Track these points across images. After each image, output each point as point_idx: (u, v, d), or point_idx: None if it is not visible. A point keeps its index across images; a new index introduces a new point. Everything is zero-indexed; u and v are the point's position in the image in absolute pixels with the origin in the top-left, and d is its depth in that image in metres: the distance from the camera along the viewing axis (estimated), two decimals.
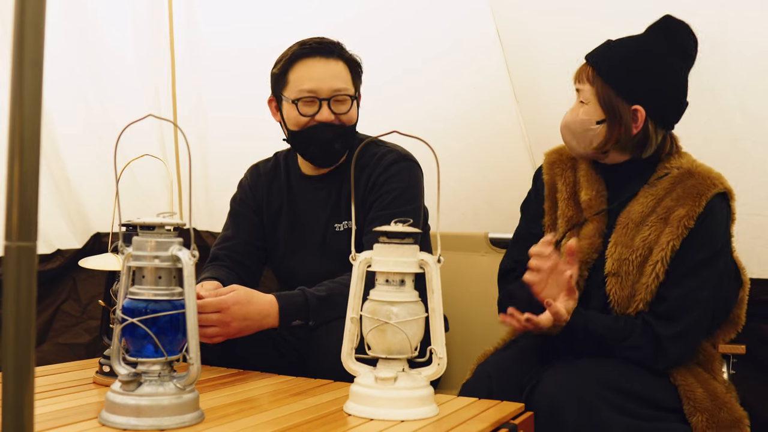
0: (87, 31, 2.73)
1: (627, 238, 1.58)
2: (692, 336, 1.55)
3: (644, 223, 1.57)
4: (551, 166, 1.76)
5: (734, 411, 1.52)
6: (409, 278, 1.26)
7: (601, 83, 1.59)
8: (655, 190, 1.59)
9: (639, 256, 1.55)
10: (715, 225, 1.54)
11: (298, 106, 1.80)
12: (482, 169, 2.45)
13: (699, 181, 1.56)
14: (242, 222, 1.98)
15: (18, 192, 0.67)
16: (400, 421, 1.20)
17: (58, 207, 2.71)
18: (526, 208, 1.82)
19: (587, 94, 1.62)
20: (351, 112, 1.84)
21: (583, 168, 1.71)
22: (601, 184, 1.67)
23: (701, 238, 1.53)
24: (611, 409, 1.38)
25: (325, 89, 1.80)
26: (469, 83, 2.40)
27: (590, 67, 1.62)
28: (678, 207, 1.54)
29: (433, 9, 2.40)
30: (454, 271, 2.17)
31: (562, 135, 1.68)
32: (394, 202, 1.81)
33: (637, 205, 1.60)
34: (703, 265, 1.53)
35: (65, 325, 2.77)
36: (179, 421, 1.12)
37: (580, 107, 1.63)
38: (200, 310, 1.54)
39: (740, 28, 1.91)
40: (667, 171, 1.61)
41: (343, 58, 1.84)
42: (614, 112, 1.59)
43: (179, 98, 2.84)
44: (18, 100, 0.67)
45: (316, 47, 1.82)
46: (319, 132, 1.81)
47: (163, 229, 1.16)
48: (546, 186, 1.75)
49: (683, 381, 1.53)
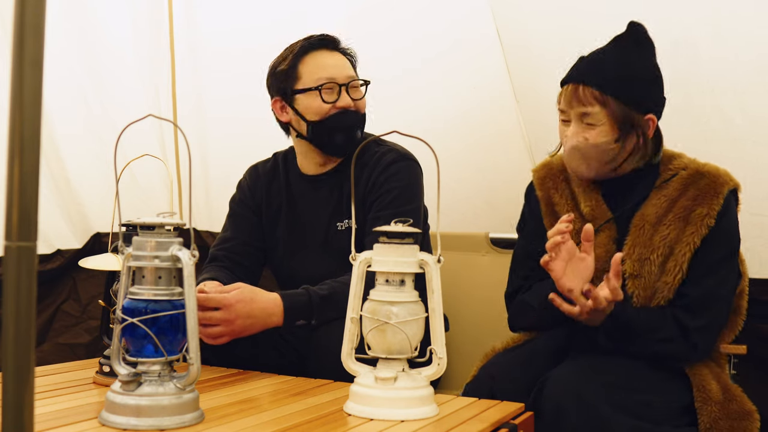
0: (87, 31, 2.73)
1: (645, 239, 1.59)
2: (716, 330, 1.58)
3: (661, 223, 1.58)
4: (543, 182, 1.75)
5: (744, 404, 1.54)
6: (409, 278, 1.26)
7: (613, 102, 1.56)
8: (668, 192, 1.61)
9: (660, 255, 1.56)
10: (732, 221, 1.59)
11: (321, 93, 1.82)
12: (482, 169, 2.45)
13: (711, 180, 1.59)
14: (241, 223, 1.98)
15: (18, 192, 0.67)
16: (400, 421, 1.20)
17: (58, 207, 2.71)
18: (523, 228, 1.81)
19: (599, 116, 1.57)
20: (364, 98, 1.90)
21: (578, 181, 1.71)
22: (598, 193, 1.68)
23: (721, 236, 1.56)
24: (613, 410, 1.38)
25: (341, 76, 1.84)
26: (469, 83, 2.40)
27: (591, 88, 1.57)
28: (697, 206, 1.57)
29: (433, 9, 2.40)
30: (454, 271, 2.17)
31: (569, 160, 1.64)
32: (394, 202, 1.81)
33: (651, 207, 1.61)
34: (722, 262, 1.57)
35: (65, 325, 2.77)
36: (179, 421, 1.12)
37: (585, 130, 1.59)
38: (203, 304, 1.54)
39: (740, 28, 1.91)
40: (672, 172, 1.63)
41: (343, 53, 1.90)
42: (632, 127, 1.58)
43: (179, 98, 2.84)
44: (18, 100, 0.67)
45: (321, 41, 1.87)
46: (343, 119, 1.84)
47: (163, 229, 1.16)
48: (541, 202, 1.74)
49: (698, 372, 1.54)
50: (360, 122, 1.88)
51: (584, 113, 1.58)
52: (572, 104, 1.59)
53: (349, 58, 1.90)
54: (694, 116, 2.00)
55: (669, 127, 1.99)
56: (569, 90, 1.60)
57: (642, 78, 1.61)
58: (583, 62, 1.63)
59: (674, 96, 2.04)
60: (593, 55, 1.64)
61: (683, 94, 2.01)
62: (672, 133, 2.01)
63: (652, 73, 1.63)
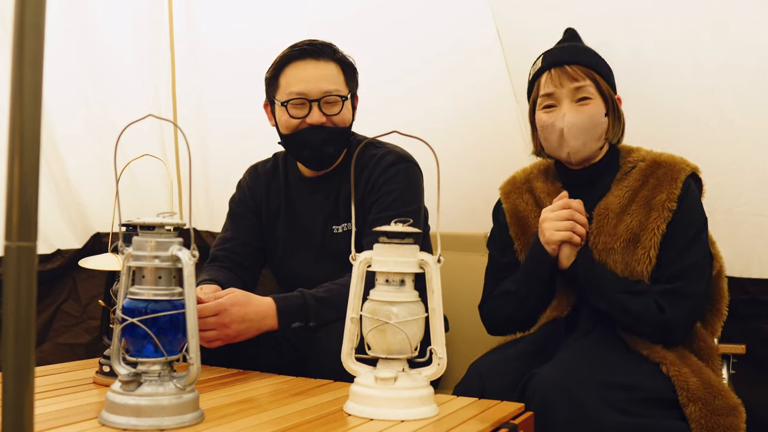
0: (87, 31, 2.73)
1: (609, 227, 1.63)
2: (688, 297, 1.58)
3: (625, 213, 1.63)
4: (508, 196, 1.83)
5: (729, 398, 1.52)
6: (409, 278, 1.26)
7: (598, 76, 1.67)
8: (628, 183, 1.67)
9: (623, 242, 1.61)
10: (694, 203, 1.63)
11: (287, 109, 1.80)
12: (482, 169, 2.44)
13: (669, 168, 1.65)
14: (241, 223, 1.98)
15: (18, 192, 0.67)
16: (400, 421, 1.20)
17: (58, 207, 2.71)
18: (493, 244, 1.86)
19: (590, 89, 1.66)
20: (343, 113, 1.82)
21: (541, 186, 1.78)
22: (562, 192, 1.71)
23: (685, 219, 1.60)
24: (602, 405, 1.38)
25: (314, 91, 1.79)
26: (469, 83, 2.40)
27: (578, 65, 1.66)
28: (658, 194, 1.62)
29: (433, 9, 2.40)
30: (454, 271, 2.17)
31: (568, 136, 1.66)
32: (393, 204, 1.80)
33: (613, 197, 1.66)
34: (692, 242, 1.60)
35: (65, 325, 2.77)
36: (179, 421, 1.12)
37: (580, 105, 1.66)
38: (198, 315, 1.54)
39: (740, 29, 1.91)
40: (631, 164, 1.70)
41: (334, 59, 1.83)
42: (613, 102, 1.69)
43: (179, 98, 2.84)
44: (18, 100, 0.67)
45: (306, 49, 1.81)
46: (309, 135, 1.80)
47: (163, 229, 1.16)
48: (507, 213, 1.80)
49: (676, 371, 1.53)
50: (333, 138, 1.82)
51: (578, 87, 1.65)
52: (563, 82, 1.66)
53: (341, 66, 1.84)
54: (693, 117, 2.00)
55: (668, 127, 1.99)
56: (555, 72, 1.67)
57: (605, 62, 1.71)
58: (553, 52, 1.72)
59: (674, 96, 2.04)
60: (556, 48, 1.74)
61: (683, 95, 2.01)
62: (672, 134, 2.02)
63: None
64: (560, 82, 1.66)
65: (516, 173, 1.88)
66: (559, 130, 1.66)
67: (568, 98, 1.66)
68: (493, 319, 1.78)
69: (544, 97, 1.69)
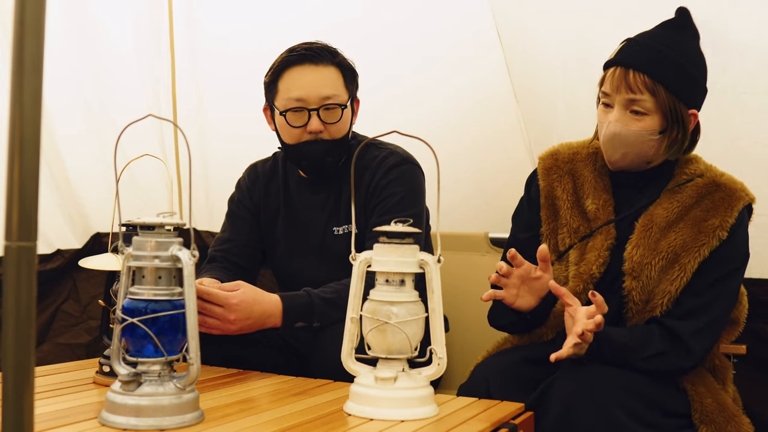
0: (87, 31, 2.72)
1: (651, 241, 1.53)
2: (714, 330, 1.53)
3: (671, 230, 1.53)
4: (548, 172, 1.68)
5: (741, 425, 1.50)
6: (409, 278, 1.26)
7: (664, 92, 1.49)
8: (681, 198, 1.56)
9: (662, 260, 1.51)
10: (743, 237, 1.55)
11: (286, 117, 1.79)
12: (482, 169, 2.45)
13: (727, 193, 1.54)
14: (239, 223, 1.97)
15: (18, 192, 0.67)
16: (400, 421, 1.20)
17: (58, 207, 2.71)
18: (517, 218, 1.76)
19: (647, 104, 1.50)
20: (342, 121, 1.81)
21: (587, 175, 1.64)
22: (609, 193, 1.62)
23: (730, 251, 1.52)
24: (626, 416, 1.36)
25: (313, 97, 1.77)
26: (469, 83, 2.40)
27: (644, 75, 1.49)
28: (711, 217, 1.52)
29: (433, 9, 2.40)
30: (454, 271, 2.17)
31: (608, 146, 1.56)
32: (396, 206, 1.79)
33: (661, 209, 1.55)
34: (728, 278, 1.53)
35: (65, 325, 2.77)
36: (179, 421, 1.12)
37: (630, 118, 1.52)
38: (206, 298, 1.53)
39: (740, 28, 1.91)
40: (687, 177, 1.58)
41: (334, 63, 1.81)
42: (678, 120, 1.52)
43: (179, 98, 2.84)
44: (18, 100, 0.67)
45: (305, 54, 1.79)
46: (309, 148, 1.80)
47: (163, 229, 1.16)
48: (542, 193, 1.67)
49: (693, 390, 1.51)
50: (333, 150, 1.81)
51: (632, 100, 1.50)
52: (620, 89, 1.51)
53: (341, 69, 1.82)
54: None
55: None
56: (618, 74, 1.51)
57: (693, 67, 1.53)
58: (632, 45, 1.53)
59: None
60: (642, 38, 1.54)
61: None
62: None
63: (702, 62, 1.56)
64: (617, 88, 1.51)
65: (560, 147, 1.71)
66: (605, 133, 1.55)
67: (621, 106, 1.52)
68: (496, 320, 1.73)
69: (603, 93, 1.56)
